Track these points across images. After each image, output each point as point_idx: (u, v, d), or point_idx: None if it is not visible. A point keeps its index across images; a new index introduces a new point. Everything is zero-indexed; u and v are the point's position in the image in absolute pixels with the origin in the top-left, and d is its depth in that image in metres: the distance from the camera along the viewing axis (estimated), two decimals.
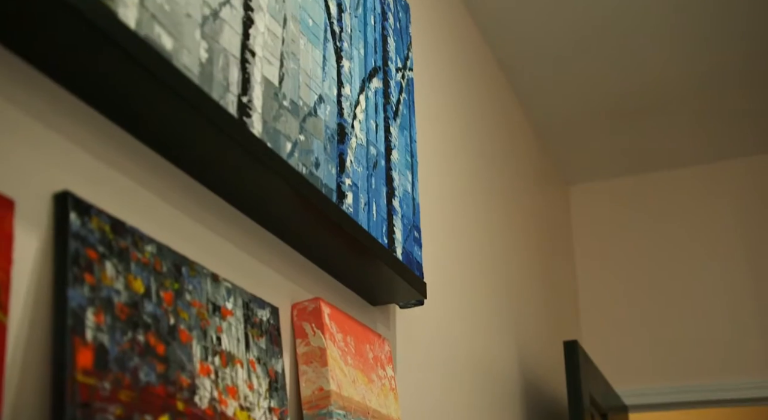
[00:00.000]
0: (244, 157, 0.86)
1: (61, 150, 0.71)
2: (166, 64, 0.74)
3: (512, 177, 2.38)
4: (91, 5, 0.65)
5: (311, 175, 1.00)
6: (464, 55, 2.10)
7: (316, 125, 1.04)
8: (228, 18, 0.88)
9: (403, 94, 1.37)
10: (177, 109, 0.77)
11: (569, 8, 2.23)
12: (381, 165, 1.22)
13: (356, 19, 1.22)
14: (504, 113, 2.42)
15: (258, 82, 0.92)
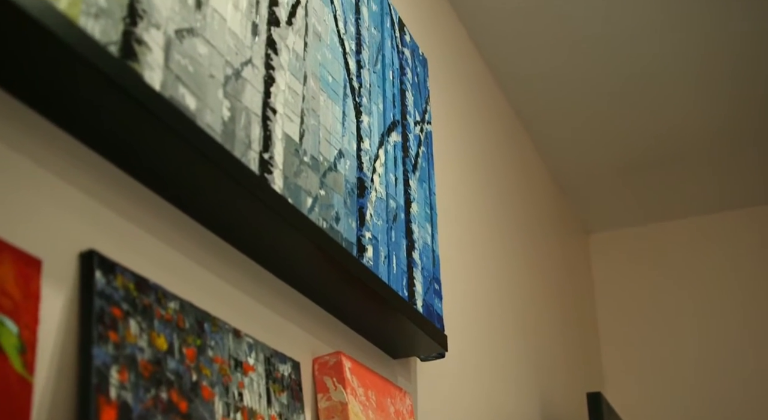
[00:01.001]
0: (265, 212, 0.87)
1: (87, 208, 0.72)
2: (190, 123, 0.75)
3: (532, 227, 2.38)
4: (117, 68, 0.67)
5: (332, 230, 1.01)
6: (482, 107, 2.12)
7: (336, 180, 1.05)
8: (250, 77, 0.90)
9: (421, 147, 1.38)
10: (200, 167, 0.78)
11: (588, 61, 2.25)
12: (401, 218, 1.23)
13: (375, 74, 1.24)
14: (523, 163, 2.43)
15: (279, 138, 0.93)
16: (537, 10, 2.08)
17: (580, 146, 2.63)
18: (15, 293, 0.58)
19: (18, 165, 0.66)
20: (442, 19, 1.93)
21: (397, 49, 1.36)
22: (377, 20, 1.30)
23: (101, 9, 0.68)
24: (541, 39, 2.17)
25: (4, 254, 0.58)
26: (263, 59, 0.94)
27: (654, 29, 2.15)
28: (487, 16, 2.08)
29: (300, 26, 1.04)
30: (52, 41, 0.61)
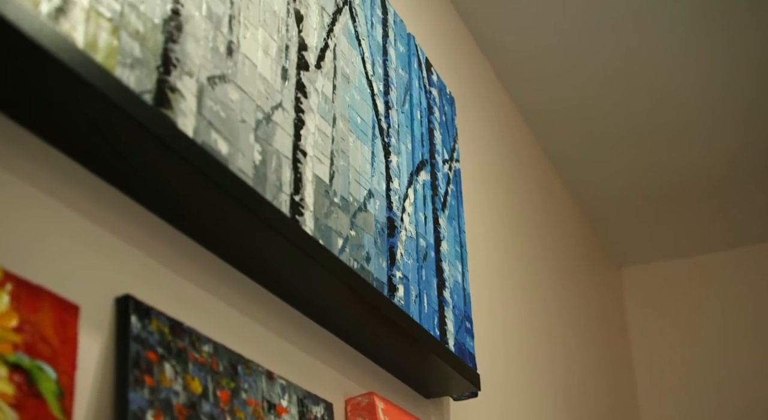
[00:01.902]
0: (296, 254, 0.87)
1: (122, 253, 0.73)
2: (223, 168, 0.77)
3: (562, 262, 2.37)
4: (152, 116, 0.68)
5: (362, 270, 1.01)
6: (509, 143, 2.12)
7: (366, 220, 1.05)
8: (280, 121, 0.91)
9: (450, 185, 1.39)
10: (233, 210, 0.79)
11: (613, 94, 2.26)
12: (431, 256, 1.23)
13: (403, 114, 1.26)
14: (551, 198, 2.42)
15: (309, 180, 0.94)
16: (560, 47, 2.09)
17: (610, 180, 2.62)
18: (53, 339, 0.59)
19: (55, 211, 0.67)
20: (468, 58, 1.95)
21: (424, 88, 1.37)
22: (404, 61, 1.31)
23: (136, 59, 0.70)
24: (566, 74, 2.18)
25: (44, 301, 0.59)
26: (293, 103, 0.95)
27: (681, 60, 2.15)
28: (512, 53, 2.09)
29: (329, 69, 1.05)
30: (90, 92, 0.63)
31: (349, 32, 1.14)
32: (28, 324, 0.57)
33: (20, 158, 0.65)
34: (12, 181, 0.64)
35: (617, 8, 1.98)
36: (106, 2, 0.68)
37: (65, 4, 0.63)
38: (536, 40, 2.06)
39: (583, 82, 2.21)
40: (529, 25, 2.02)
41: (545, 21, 2.01)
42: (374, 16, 1.23)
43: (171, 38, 0.76)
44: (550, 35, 2.05)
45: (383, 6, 1.28)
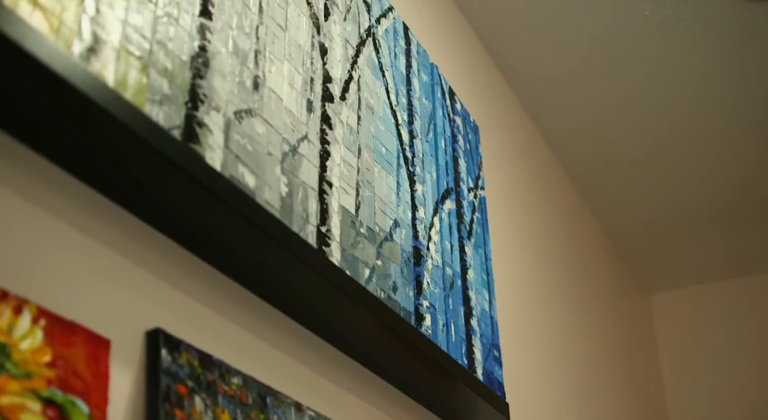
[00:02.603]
0: (324, 285, 0.88)
1: (152, 287, 0.74)
2: (250, 200, 0.77)
3: (590, 288, 2.35)
4: (180, 151, 0.69)
5: (389, 300, 1.01)
6: (534, 169, 2.12)
7: (392, 250, 1.06)
8: (306, 153, 0.92)
9: (476, 213, 1.39)
10: (260, 242, 0.80)
11: (638, 118, 2.25)
12: (457, 285, 1.23)
13: (427, 143, 1.26)
14: (578, 225, 2.41)
15: (335, 211, 0.95)
16: (583, 72, 2.09)
17: (636, 204, 2.60)
18: (86, 374, 0.59)
19: (86, 246, 0.68)
20: (491, 85, 1.96)
21: (448, 117, 1.38)
22: (428, 90, 1.32)
23: (165, 96, 0.72)
24: (589, 99, 2.18)
25: (76, 336, 0.60)
26: (318, 134, 0.96)
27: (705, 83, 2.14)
28: (535, 79, 2.10)
29: (353, 101, 1.06)
30: (120, 129, 0.64)
31: (373, 63, 1.15)
32: (61, 359, 0.58)
33: (52, 194, 0.66)
34: (45, 218, 0.65)
35: (638, 31, 1.98)
36: (135, 41, 0.70)
37: (96, 44, 0.65)
38: (558, 65, 2.06)
39: (607, 107, 2.21)
40: (550, 51, 2.02)
41: (567, 47, 2.01)
42: (397, 47, 1.24)
43: (198, 74, 0.77)
44: (572, 61, 2.06)
45: (406, 37, 1.29)
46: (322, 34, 1.03)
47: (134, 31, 0.70)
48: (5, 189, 0.62)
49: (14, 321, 0.56)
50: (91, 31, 0.65)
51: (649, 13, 1.93)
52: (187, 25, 0.78)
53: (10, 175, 0.63)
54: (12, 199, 0.62)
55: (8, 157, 0.63)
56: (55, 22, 0.61)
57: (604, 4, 1.90)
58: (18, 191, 0.63)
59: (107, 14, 0.67)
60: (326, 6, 1.06)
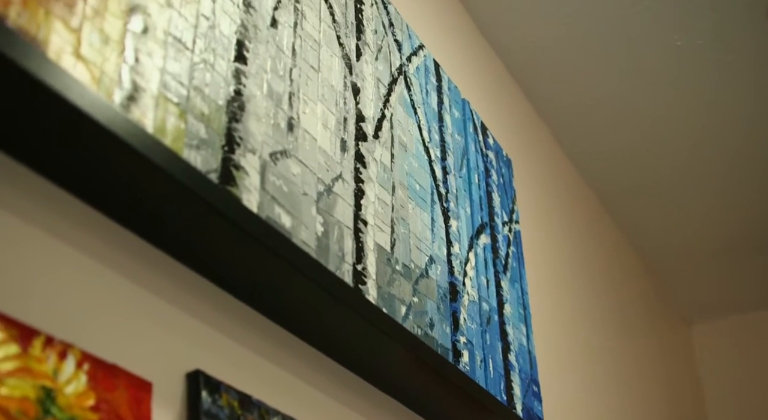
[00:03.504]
0: (361, 323, 0.88)
1: (192, 329, 0.75)
2: (287, 241, 0.78)
3: (629, 320, 2.32)
4: (218, 194, 0.71)
5: (426, 337, 1.01)
6: (569, 200, 2.11)
7: (428, 286, 1.06)
8: (341, 192, 0.93)
9: (511, 247, 1.38)
10: (297, 282, 0.80)
11: (670, 145, 2.24)
12: (494, 320, 1.23)
13: (461, 179, 1.27)
14: (615, 255, 2.39)
15: (371, 249, 0.95)
16: (613, 101, 2.08)
17: (674, 233, 2.57)
18: (129, 417, 0.60)
19: (127, 290, 0.69)
20: (523, 118, 1.96)
21: (481, 152, 1.38)
22: (460, 126, 1.33)
23: (202, 140, 0.73)
24: (621, 127, 2.17)
25: (119, 379, 0.61)
26: (353, 173, 0.97)
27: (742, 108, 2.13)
28: (566, 109, 2.10)
29: (386, 139, 1.07)
30: (160, 174, 0.66)
31: (405, 101, 1.16)
32: (105, 402, 0.59)
33: (94, 239, 0.67)
34: (87, 263, 0.66)
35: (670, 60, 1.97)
36: (173, 88, 0.72)
37: (136, 92, 0.67)
38: (590, 95, 2.06)
39: (641, 136, 2.20)
40: (581, 81, 2.02)
41: (598, 77, 2.01)
42: (429, 84, 1.26)
43: (234, 118, 0.79)
44: (603, 91, 2.05)
45: (437, 74, 1.30)
46: (355, 74, 1.05)
47: (172, 79, 0.72)
48: (51, 236, 0.64)
49: (59, 366, 0.57)
50: (131, 79, 0.67)
51: (681, 43, 1.92)
52: (223, 70, 0.79)
53: (54, 222, 0.64)
54: (58, 245, 0.64)
55: (54, 203, 0.64)
56: (97, 73, 0.63)
57: (636, 34, 1.90)
58: (63, 238, 0.65)
59: (146, 63, 0.69)
60: (358, 46, 1.07)
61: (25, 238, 0.61)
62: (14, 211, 0.61)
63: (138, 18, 0.70)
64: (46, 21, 0.59)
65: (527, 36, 1.89)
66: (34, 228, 0.62)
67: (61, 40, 0.60)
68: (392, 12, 1.20)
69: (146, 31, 0.70)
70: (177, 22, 0.75)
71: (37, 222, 0.63)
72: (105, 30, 0.65)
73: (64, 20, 0.61)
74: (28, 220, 0.62)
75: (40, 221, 0.63)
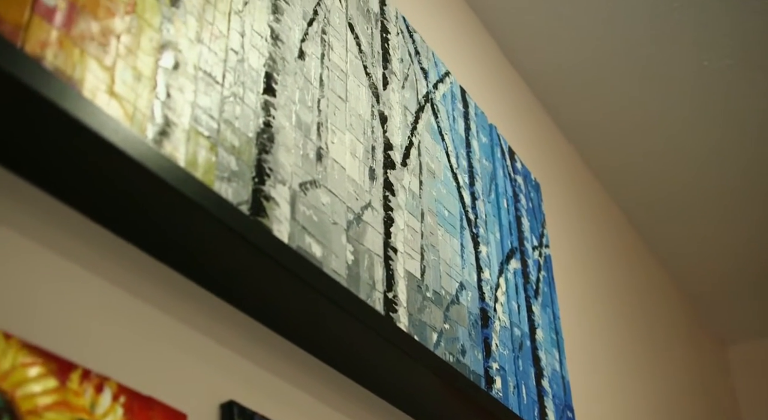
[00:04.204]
0: (393, 351, 0.88)
1: (225, 360, 0.75)
2: (317, 270, 0.79)
3: (664, 343, 2.29)
4: (249, 225, 0.71)
5: (458, 363, 1.01)
6: (599, 224, 2.10)
7: (459, 312, 1.06)
8: (370, 220, 0.94)
9: (541, 271, 1.38)
10: (329, 311, 0.81)
11: (704, 163, 2.22)
12: (527, 346, 1.22)
13: (489, 204, 1.27)
14: (646, 277, 2.36)
15: (401, 276, 0.96)
16: (641, 123, 2.08)
17: (707, 254, 2.54)
18: None
19: (160, 322, 0.70)
20: (550, 142, 1.96)
21: (509, 177, 1.38)
22: (487, 151, 1.33)
23: (233, 172, 0.74)
24: (650, 148, 2.16)
25: (154, 411, 0.61)
26: (382, 201, 0.97)
27: None
28: (593, 131, 2.09)
29: (414, 166, 1.08)
30: (192, 207, 0.67)
31: (432, 128, 1.17)
32: None
33: (128, 271, 0.68)
34: (122, 296, 0.67)
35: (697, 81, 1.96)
36: (204, 122, 0.73)
37: (168, 126, 0.68)
38: (617, 118, 2.06)
39: (669, 157, 2.18)
40: (608, 104, 2.02)
41: (626, 99, 2.01)
42: (455, 111, 1.26)
43: (264, 149, 0.80)
44: (631, 112, 2.05)
45: (464, 100, 1.31)
46: (382, 102, 1.05)
47: (203, 113, 0.73)
48: (87, 270, 0.65)
49: (96, 399, 0.57)
50: (163, 114, 0.68)
51: (708, 63, 1.91)
52: (252, 103, 0.80)
53: (90, 256, 0.65)
54: (94, 279, 0.65)
55: (89, 238, 0.66)
56: (130, 109, 0.64)
57: (661, 55, 1.90)
58: (98, 272, 0.66)
59: (177, 98, 0.70)
60: (384, 75, 1.08)
61: (63, 272, 0.63)
62: (52, 247, 0.62)
63: (169, 54, 0.71)
64: (81, 60, 0.60)
65: (552, 59, 1.90)
66: (70, 263, 0.63)
67: (95, 78, 0.61)
68: (418, 40, 1.22)
69: (177, 66, 0.72)
70: (207, 56, 0.76)
71: (73, 256, 0.64)
72: (137, 67, 0.67)
73: (98, 59, 0.62)
74: (66, 255, 0.63)
75: (77, 256, 0.64)
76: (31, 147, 0.59)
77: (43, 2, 0.58)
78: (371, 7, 1.11)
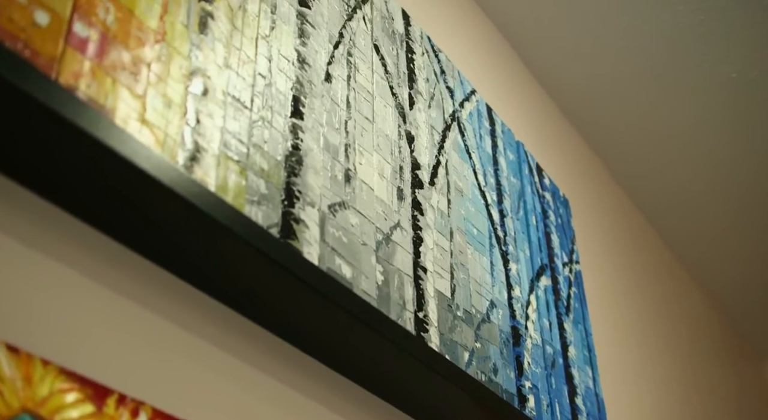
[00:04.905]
0: (424, 371, 0.88)
1: (259, 383, 0.76)
2: (348, 291, 0.79)
3: (699, 358, 2.26)
4: (279, 248, 0.72)
5: (491, 382, 1.00)
6: (629, 238, 2.08)
7: (490, 331, 1.05)
8: (399, 240, 0.94)
9: (572, 288, 1.37)
10: (360, 332, 0.81)
11: (733, 176, 2.19)
12: (559, 363, 1.21)
13: (518, 221, 1.26)
14: (679, 291, 2.34)
15: (431, 296, 0.96)
16: (669, 137, 2.06)
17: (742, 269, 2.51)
18: None
19: (194, 346, 0.71)
20: (578, 157, 1.95)
21: (537, 193, 1.38)
22: (515, 168, 1.33)
23: (263, 195, 0.75)
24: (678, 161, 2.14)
25: None
26: (410, 221, 0.98)
27: None
28: (621, 147, 2.08)
29: (442, 185, 1.08)
30: (223, 231, 0.67)
31: (459, 147, 1.17)
32: None
33: (158, 295, 0.69)
34: (155, 320, 0.68)
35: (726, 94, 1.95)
36: (233, 146, 0.74)
37: (198, 152, 0.69)
38: (645, 131, 2.04)
39: (698, 170, 2.16)
40: (636, 117, 2.01)
41: (654, 113, 2.00)
42: (482, 128, 1.26)
43: (293, 172, 0.80)
44: (659, 126, 2.03)
45: (490, 118, 1.31)
46: (408, 122, 1.06)
47: (232, 137, 0.74)
48: (120, 294, 0.65)
49: None
50: (193, 140, 0.69)
51: (736, 75, 1.90)
52: (281, 126, 0.81)
53: (123, 281, 0.66)
54: (127, 304, 0.66)
55: (123, 264, 0.67)
56: (161, 136, 0.65)
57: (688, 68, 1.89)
58: (131, 296, 0.66)
59: (207, 123, 0.71)
60: (410, 95, 1.09)
61: (99, 299, 0.63)
62: (87, 273, 0.63)
63: (198, 80, 0.72)
64: (113, 90, 0.61)
65: (578, 74, 1.89)
66: (105, 289, 0.64)
67: (127, 106, 0.62)
68: (443, 60, 1.22)
69: (206, 92, 0.73)
70: (235, 82, 0.77)
71: (107, 282, 0.65)
72: (168, 94, 0.68)
73: (129, 88, 0.63)
74: (100, 281, 0.64)
75: (110, 282, 0.65)
76: (66, 175, 0.60)
77: (76, 34, 0.60)
78: (396, 28, 1.12)
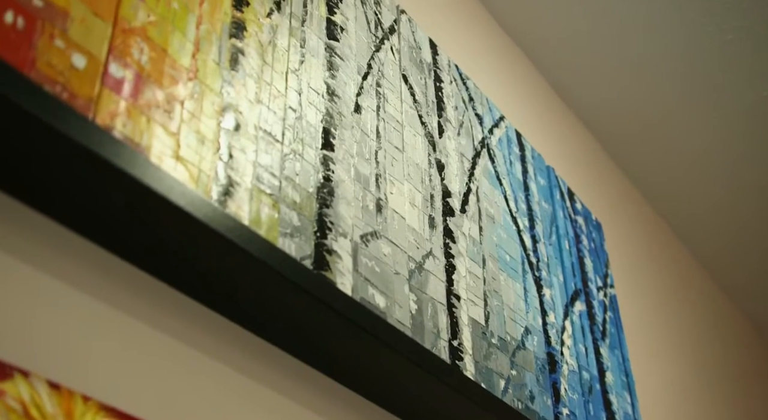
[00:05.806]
0: (460, 400, 0.87)
1: (295, 415, 0.76)
2: (382, 321, 0.79)
3: (740, 380, 2.22)
4: (313, 280, 0.72)
5: (527, 410, 0.99)
6: (663, 260, 2.06)
7: (526, 358, 1.05)
8: (432, 268, 0.94)
9: (607, 312, 1.36)
10: (394, 361, 0.81)
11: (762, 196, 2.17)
12: (596, 389, 1.20)
13: (551, 246, 1.26)
14: (717, 313, 2.30)
15: (465, 324, 0.95)
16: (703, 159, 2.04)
17: None
18: None
19: (231, 378, 0.71)
20: (610, 180, 1.94)
21: (569, 218, 1.37)
22: (546, 194, 1.33)
23: (295, 228, 0.75)
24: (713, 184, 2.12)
25: None
26: (443, 249, 0.98)
27: None
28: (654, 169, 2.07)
29: (473, 212, 1.08)
30: (257, 265, 0.68)
31: (490, 173, 1.17)
32: None
33: (193, 328, 0.70)
34: (193, 354, 0.68)
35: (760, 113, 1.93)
36: (266, 180, 0.75)
37: (231, 186, 0.70)
38: (677, 152, 2.03)
39: (731, 190, 2.14)
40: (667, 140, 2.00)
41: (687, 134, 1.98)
42: (512, 154, 1.26)
43: (325, 203, 0.81)
44: (692, 148, 2.02)
45: (520, 143, 1.31)
46: (438, 150, 1.06)
47: (264, 171, 0.75)
48: (153, 327, 0.66)
49: None
50: (226, 175, 0.70)
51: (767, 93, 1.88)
52: (312, 158, 0.82)
53: (157, 315, 0.67)
54: (159, 336, 0.66)
55: (157, 297, 0.67)
56: (195, 172, 0.66)
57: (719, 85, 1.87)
58: (164, 329, 0.67)
59: (239, 158, 0.72)
60: (440, 124, 1.09)
61: (138, 335, 0.64)
62: (121, 308, 0.64)
63: (230, 116, 0.74)
64: (148, 128, 0.63)
65: (608, 95, 1.89)
66: (143, 324, 0.65)
67: (162, 144, 0.64)
68: (471, 87, 1.23)
69: (238, 128, 0.74)
70: (266, 116, 0.78)
71: (145, 317, 0.66)
72: (201, 130, 0.69)
73: (164, 125, 0.65)
74: (139, 316, 0.65)
75: (148, 317, 0.66)
76: (102, 212, 0.61)
77: (111, 75, 0.61)
78: (424, 57, 1.13)
